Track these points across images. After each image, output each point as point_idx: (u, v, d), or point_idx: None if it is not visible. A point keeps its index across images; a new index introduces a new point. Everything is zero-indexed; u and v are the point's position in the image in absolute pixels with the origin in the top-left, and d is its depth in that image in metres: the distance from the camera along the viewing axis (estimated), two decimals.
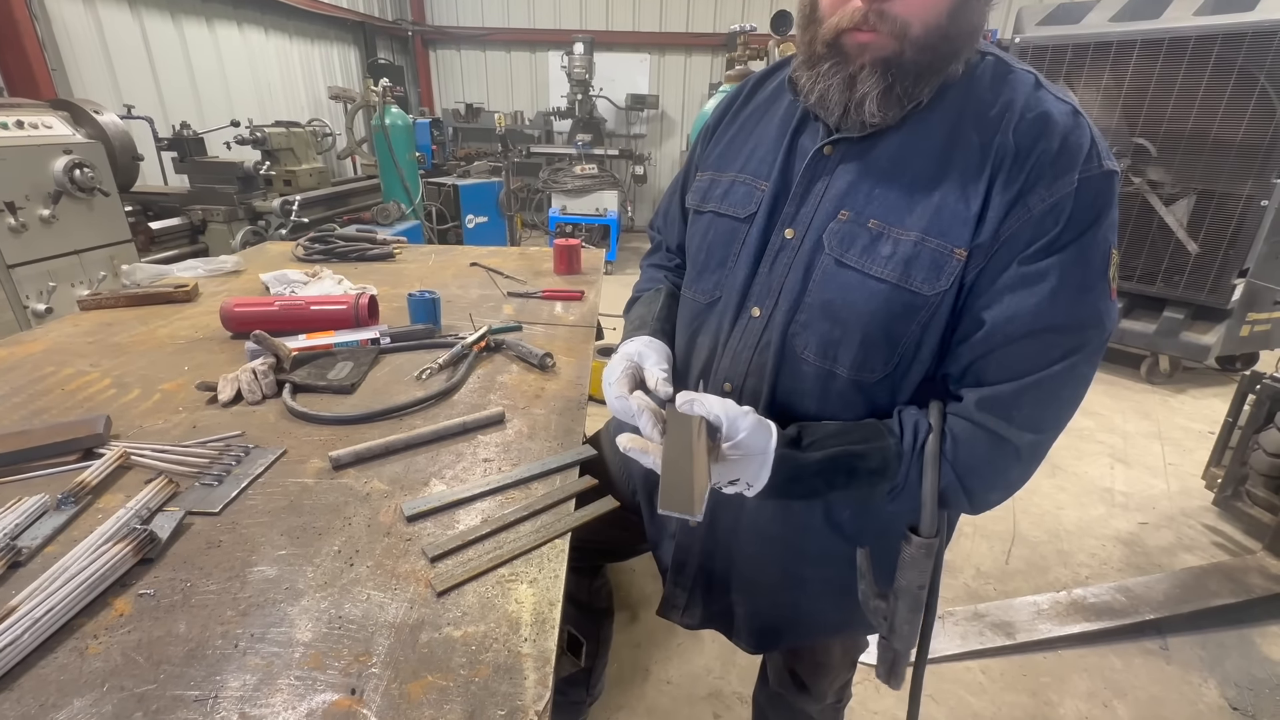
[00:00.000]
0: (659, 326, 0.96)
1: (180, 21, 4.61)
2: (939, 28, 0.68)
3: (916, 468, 0.74)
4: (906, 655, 0.82)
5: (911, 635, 0.80)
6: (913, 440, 0.74)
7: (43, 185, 2.56)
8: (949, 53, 0.70)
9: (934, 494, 0.73)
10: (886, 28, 0.68)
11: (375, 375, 1.29)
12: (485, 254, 2.31)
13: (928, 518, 0.73)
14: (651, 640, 1.93)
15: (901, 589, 0.77)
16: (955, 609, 2.09)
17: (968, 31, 0.70)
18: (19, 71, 3.36)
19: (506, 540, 0.82)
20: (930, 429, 0.73)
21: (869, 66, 0.70)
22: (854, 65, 0.71)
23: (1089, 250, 0.69)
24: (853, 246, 0.75)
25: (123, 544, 0.74)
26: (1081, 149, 0.68)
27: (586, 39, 6.61)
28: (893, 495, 0.76)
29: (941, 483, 0.73)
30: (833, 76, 0.72)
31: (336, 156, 5.34)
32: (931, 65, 0.70)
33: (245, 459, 0.97)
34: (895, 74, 0.69)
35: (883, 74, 0.69)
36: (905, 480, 0.74)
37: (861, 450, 0.74)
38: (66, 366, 1.29)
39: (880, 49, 0.69)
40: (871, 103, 0.71)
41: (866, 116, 0.72)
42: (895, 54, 0.69)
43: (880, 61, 0.69)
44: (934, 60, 0.70)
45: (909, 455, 0.74)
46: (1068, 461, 3.02)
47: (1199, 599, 2.08)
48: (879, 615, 0.80)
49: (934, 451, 0.72)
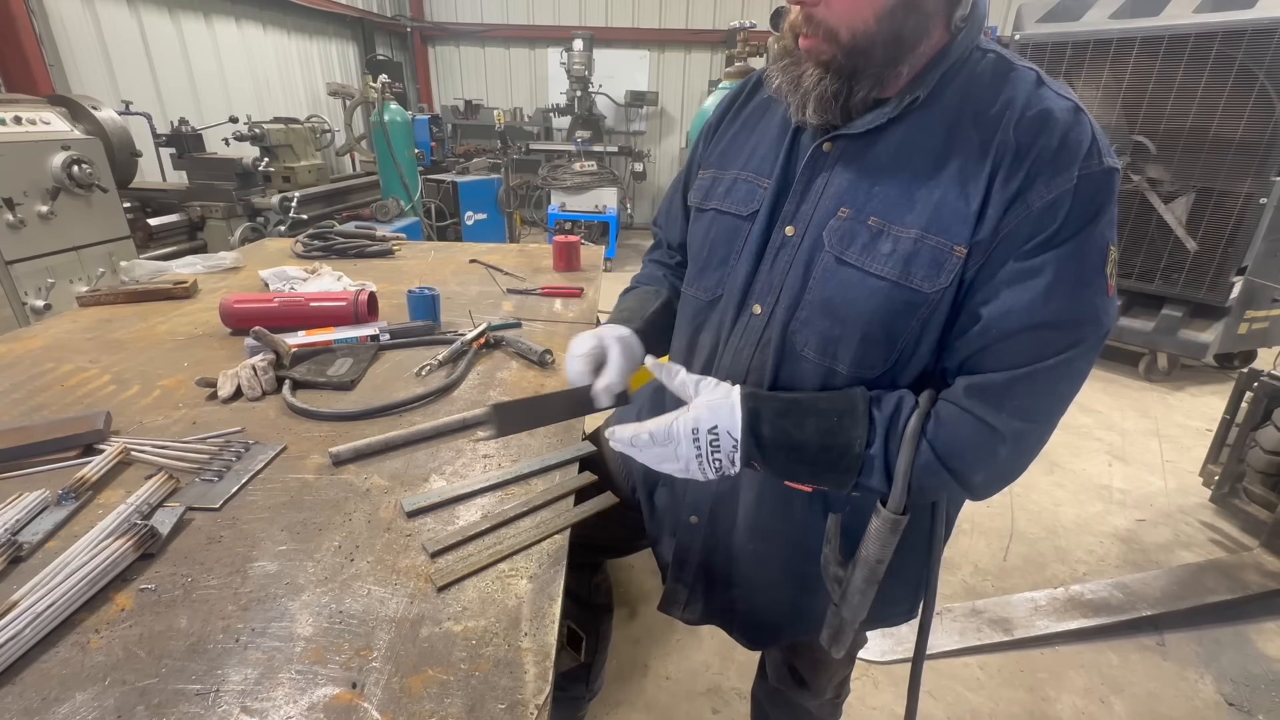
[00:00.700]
0: (646, 325, 0.98)
1: (178, 17, 4.59)
2: (867, 34, 0.69)
3: (896, 441, 0.74)
4: (852, 625, 0.83)
5: (861, 607, 0.80)
6: (893, 412, 0.74)
7: (41, 181, 2.55)
8: (886, 59, 0.71)
9: (908, 468, 0.73)
10: (816, 32, 0.71)
11: (375, 371, 1.30)
12: (484, 251, 2.31)
13: (897, 491, 0.74)
14: (650, 636, 1.94)
15: (861, 559, 0.78)
16: (953, 605, 2.09)
17: (905, 39, 0.71)
18: (16, 67, 3.34)
19: (506, 536, 0.83)
20: (916, 406, 0.74)
21: (811, 69, 0.74)
22: (801, 66, 0.75)
23: (1086, 246, 0.69)
24: (853, 244, 0.75)
25: (123, 539, 0.74)
26: (1082, 145, 0.68)
27: (586, 35, 6.59)
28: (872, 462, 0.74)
29: (920, 461, 0.73)
30: (788, 72, 0.76)
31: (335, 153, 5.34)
32: (866, 70, 0.72)
33: (245, 455, 0.98)
34: (830, 77, 0.72)
35: (820, 77, 0.73)
36: (885, 451, 0.74)
37: (825, 396, 0.77)
38: (66, 363, 1.29)
39: (818, 53, 0.73)
40: (810, 105, 0.74)
41: (808, 116, 0.76)
42: (830, 58, 0.72)
43: (820, 65, 0.73)
44: (869, 65, 0.71)
45: (885, 428, 0.74)
46: (1065, 459, 3.03)
47: (1196, 595, 2.09)
48: (834, 581, 0.81)
49: (915, 429, 0.72)
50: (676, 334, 0.98)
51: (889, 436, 0.74)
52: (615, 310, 1.03)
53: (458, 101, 7.68)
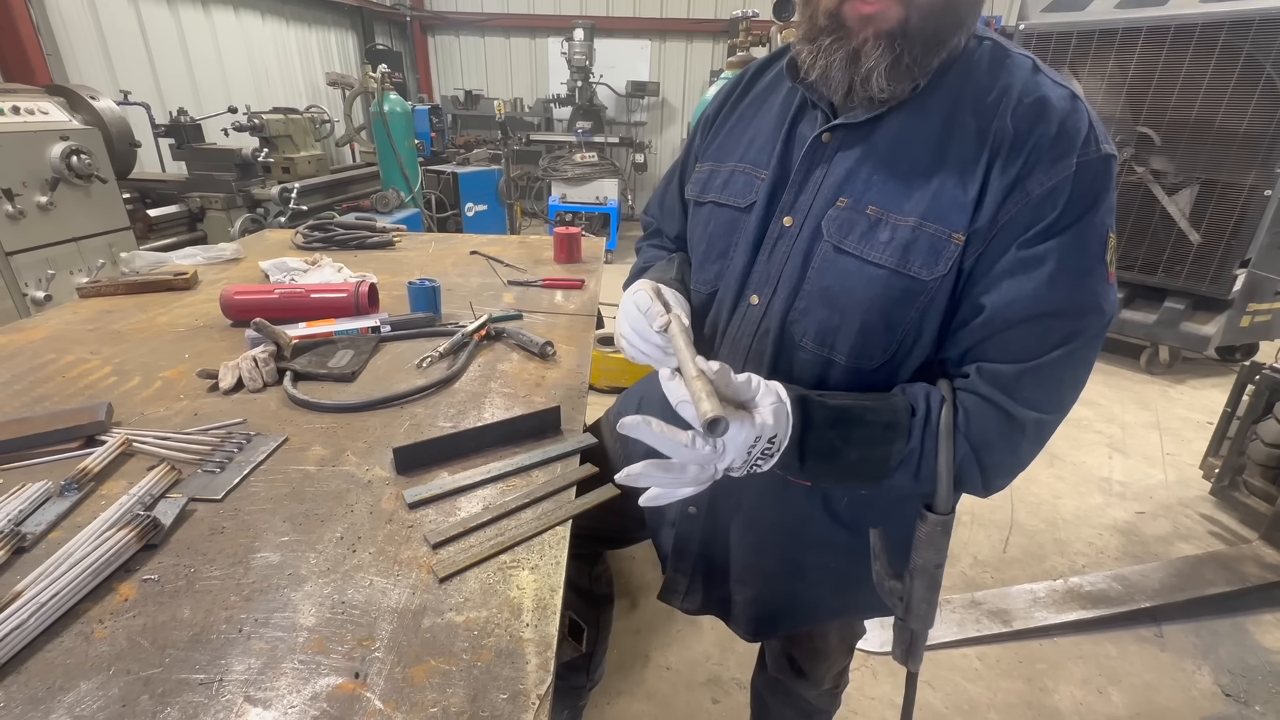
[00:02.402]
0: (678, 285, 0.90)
1: (176, 6, 4.56)
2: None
3: (932, 440, 0.71)
4: (924, 635, 0.81)
5: (929, 614, 0.78)
6: (925, 411, 0.72)
7: (40, 172, 2.54)
8: (953, 22, 0.69)
9: (949, 467, 0.71)
10: None
11: (376, 363, 1.29)
12: (485, 242, 2.31)
13: (944, 492, 0.71)
14: (651, 627, 1.95)
15: (918, 568, 0.76)
16: (952, 597, 2.10)
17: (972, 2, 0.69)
18: (13, 57, 3.33)
19: (508, 527, 0.83)
20: (943, 400, 0.72)
21: (873, 39, 0.67)
22: (857, 39, 0.68)
23: (1087, 234, 0.68)
24: (851, 233, 0.75)
25: (126, 530, 0.74)
26: (1079, 132, 0.68)
27: (587, 25, 6.54)
28: (900, 467, 0.73)
29: (958, 455, 0.72)
30: (835, 52, 0.70)
31: (335, 144, 5.31)
32: (937, 34, 0.68)
33: (247, 446, 0.98)
34: (902, 44, 0.67)
35: (888, 45, 0.67)
36: (921, 448, 0.72)
37: (871, 404, 0.73)
38: (67, 354, 1.29)
39: (885, 19, 0.66)
40: (880, 77, 0.68)
41: (875, 92, 0.70)
42: (901, 22, 0.66)
43: (885, 34, 0.67)
44: (939, 29, 0.68)
45: (921, 426, 0.72)
46: (1066, 451, 3.03)
47: (1194, 587, 2.10)
48: (894, 596, 0.79)
49: (949, 423, 0.71)
50: None
51: (924, 435, 0.73)
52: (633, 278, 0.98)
53: (458, 92, 7.64)
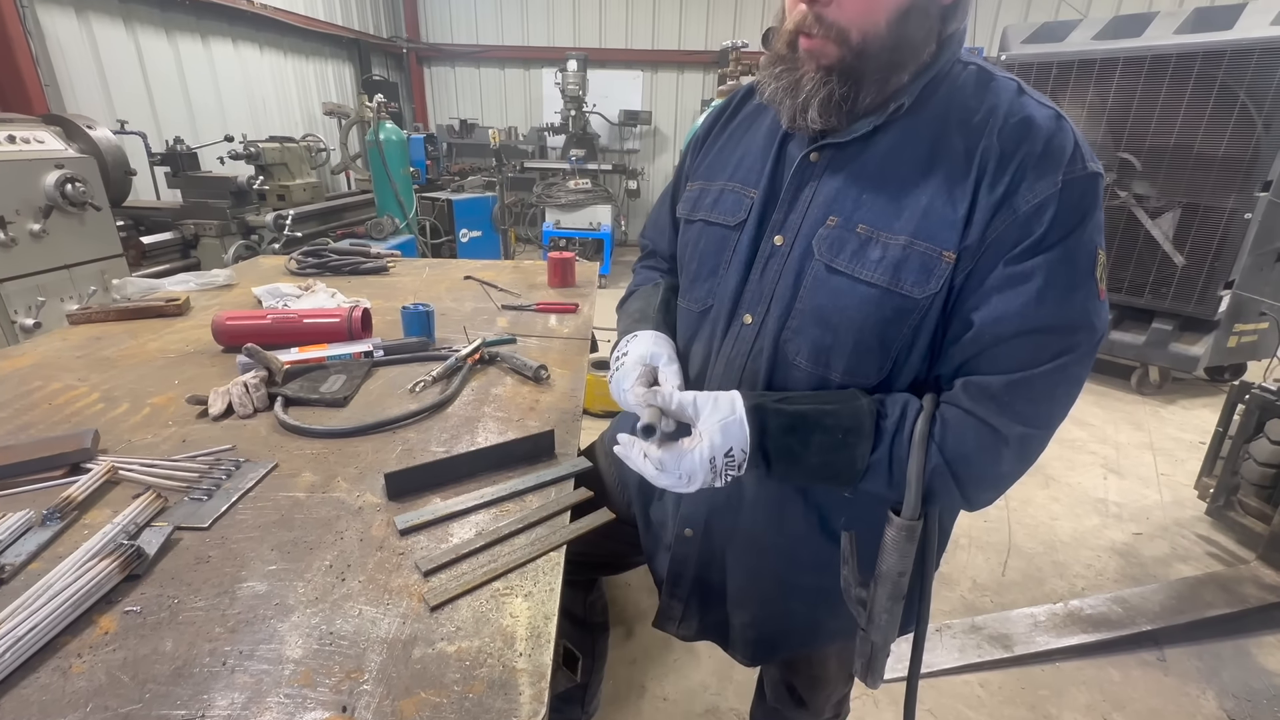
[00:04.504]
0: (661, 319, 0.96)
1: (175, 38, 4.63)
2: (879, 36, 0.69)
3: (903, 448, 0.73)
4: (885, 649, 0.80)
5: (890, 627, 0.78)
6: (899, 419, 0.73)
7: (34, 200, 2.54)
8: (892, 62, 0.72)
9: (919, 474, 0.72)
10: (825, 33, 0.70)
11: (368, 388, 1.29)
12: (479, 267, 2.31)
13: (911, 498, 0.72)
14: (647, 656, 1.91)
15: (882, 574, 0.76)
16: (952, 621, 2.07)
17: (912, 43, 0.72)
18: (11, 87, 3.35)
19: (501, 554, 0.81)
20: (921, 409, 0.73)
21: (813, 72, 0.72)
22: (801, 70, 0.73)
23: (1075, 250, 0.69)
24: (842, 252, 0.76)
25: (109, 560, 0.73)
26: (1065, 151, 0.69)
27: (580, 56, 6.68)
28: (869, 472, 0.74)
29: (929, 466, 0.72)
30: (783, 79, 0.75)
31: (330, 171, 5.36)
32: (873, 73, 0.72)
33: (236, 473, 0.96)
34: (836, 80, 0.71)
35: (823, 80, 0.71)
36: (890, 456, 0.73)
37: (834, 409, 0.74)
38: (54, 381, 1.28)
39: (824, 55, 0.71)
40: (813, 109, 0.73)
41: (809, 123, 0.74)
42: (838, 60, 0.71)
43: (823, 68, 0.71)
44: (876, 69, 0.71)
45: (891, 433, 0.73)
46: (1061, 472, 3.03)
47: (1195, 609, 2.08)
48: (859, 604, 0.79)
49: (923, 432, 0.71)
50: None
51: (894, 442, 0.73)
52: (623, 320, 1.02)
53: (453, 120, 7.75)
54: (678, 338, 0.95)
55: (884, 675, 0.82)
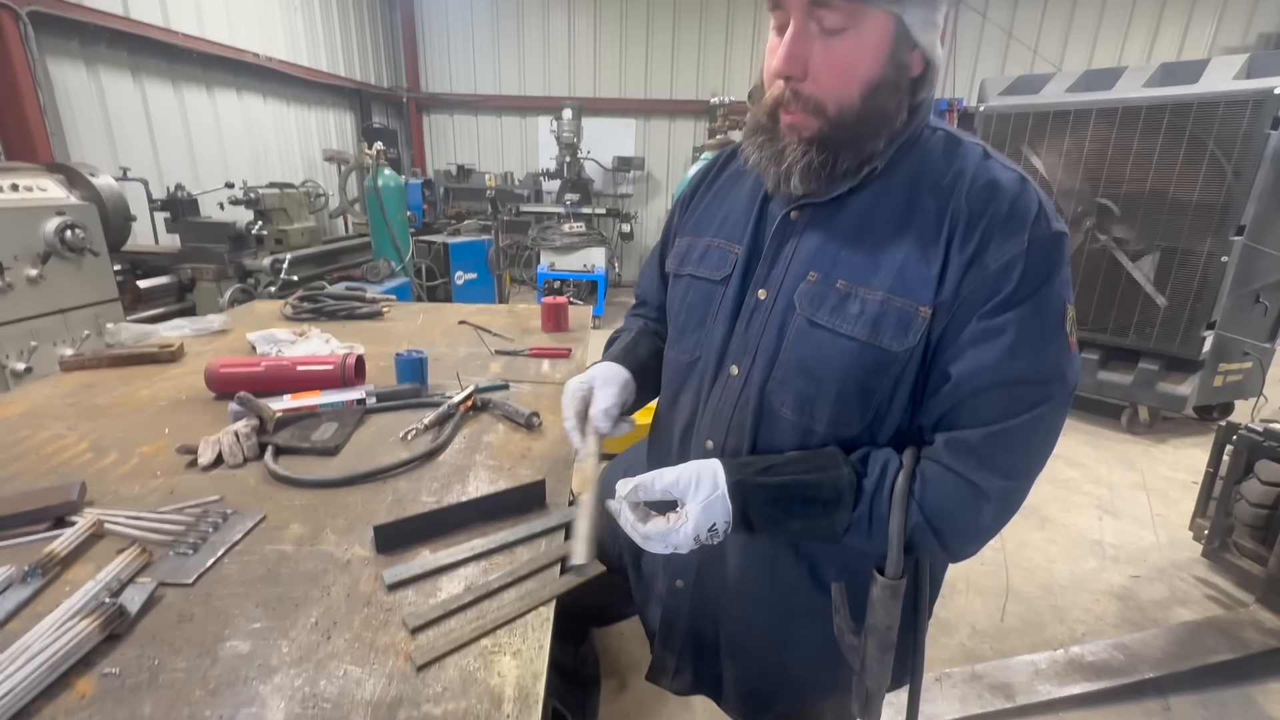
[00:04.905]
0: (621, 353, 1.03)
1: (181, 88, 4.76)
2: (853, 108, 0.74)
3: (883, 505, 0.74)
4: (879, 693, 0.82)
5: (882, 674, 0.80)
6: (879, 477, 0.75)
7: (33, 246, 2.57)
8: (867, 132, 0.76)
9: (900, 533, 0.73)
10: (803, 107, 0.75)
11: (360, 436, 1.28)
12: (474, 312, 2.34)
13: (893, 557, 0.74)
14: (641, 710, 1.85)
15: (870, 628, 0.78)
16: (953, 670, 2.03)
17: (884, 113, 0.76)
18: (18, 136, 3.42)
19: (489, 609, 0.81)
20: (901, 468, 0.75)
21: (795, 143, 0.77)
22: (783, 142, 0.78)
23: (1044, 305, 0.72)
24: (822, 306, 0.78)
25: (90, 619, 0.71)
26: (1030, 211, 0.73)
27: (575, 105, 6.90)
28: (850, 529, 0.77)
29: (910, 523, 0.74)
30: (767, 148, 0.80)
31: (328, 215, 5.44)
32: (850, 142, 0.76)
33: (223, 525, 0.95)
34: (815, 151, 0.76)
35: (804, 150, 0.76)
36: (870, 514, 0.75)
37: (815, 480, 0.76)
38: (43, 429, 1.27)
39: (804, 128, 0.76)
40: (795, 176, 0.78)
41: (792, 190, 0.79)
42: (816, 132, 0.76)
43: (803, 140, 0.76)
44: (853, 138, 0.76)
45: (871, 492, 0.75)
46: (1056, 513, 3.02)
47: (1197, 655, 2.05)
48: (853, 652, 0.81)
49: (903, 490, 0.73)
50: (660, 395, 1.00)
51: (874, 500, 0.75)
52: (604, 355, 1.07)
53: (450, 166, 7.93)
54: (666, 387, 0.97)
55: (881, 715, 0.85)
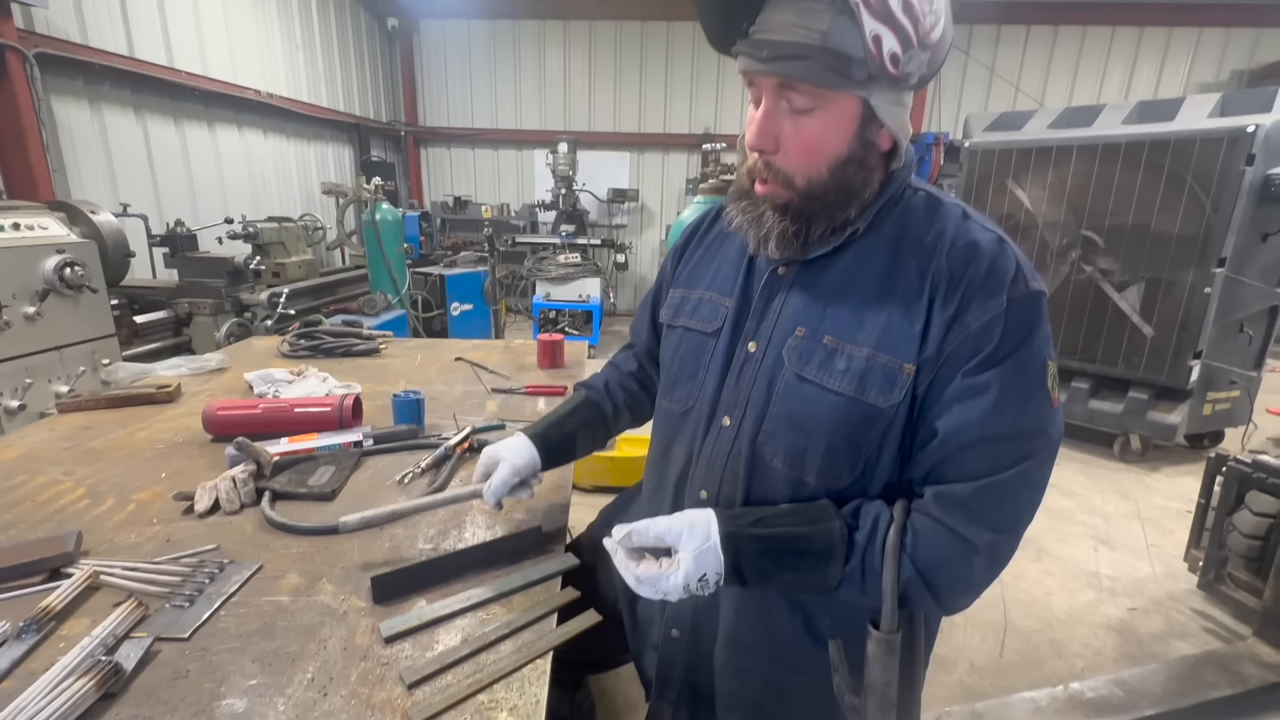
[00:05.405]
0: (550, 428, 1.09)
1: (183, 125, 4.84)
2: (821, 181, 0.78)
3: (875, 559, 0.75)
4: None
5: None
6: (870, 531, 0.77)
7: (32, 284, 2.58)
8: (837, 201, 0.80)
9: (894, 587, 0.74)
10: (774, 178, 0.79)
11: (357, 479, 1.29)
12: (470, 347, 2.36)
13: (888, 612, 0.75)
14: None
15: (869, 686, 0.78)
16: (952, 709, 2.01)
17: (854, 187, 0.80)
18: (21, 174, 3.46)
19: (486, 662, 0.81)
20: (892, 521, 0.76)
21: (770, 211, 0.81)
22: (760, 208, 0.82)
23: (1026, 363, 0.75)
24: (810, 361, 0.81)
25: (85, 678, 0.71)
26: (1008, 273, 0.76)
27: (570, 139, 7.04)
28: (844, 583, 0.77)
29: (903, 576, 0.75)
30: (748, 213, 0.84)
31: (326, 247, 5.49)
32: (821, 211, 0.80)
33: (219, 576, 0.95)
34: (789, 220, 0.80)
35: (779, 218, 0.81)
36: (863, 567, 0.76)
37: (806, 533, 0.77)
38: (39, 475, 1.27)
39: (776, 197, 0.81)
40: (771, 241, 0.82)
41: (769, 253, 0.83)
42: (787, 202, 0.80)
43: (777, 208, 0.81)
44: (823, 207, 0.80)
45: (863, 545, 0.76)
46: (1051, 545, 3.01)
47: (1196, 691, 2.03)
48: (853, 712, 0.80)
49: (894, 544, 0.74)
50: (652, 446, 1.02)
51: (866, 554, 0.76)
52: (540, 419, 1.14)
53: (447, 197, 8.04)
54: (660, 437, 0.99)
55: None
